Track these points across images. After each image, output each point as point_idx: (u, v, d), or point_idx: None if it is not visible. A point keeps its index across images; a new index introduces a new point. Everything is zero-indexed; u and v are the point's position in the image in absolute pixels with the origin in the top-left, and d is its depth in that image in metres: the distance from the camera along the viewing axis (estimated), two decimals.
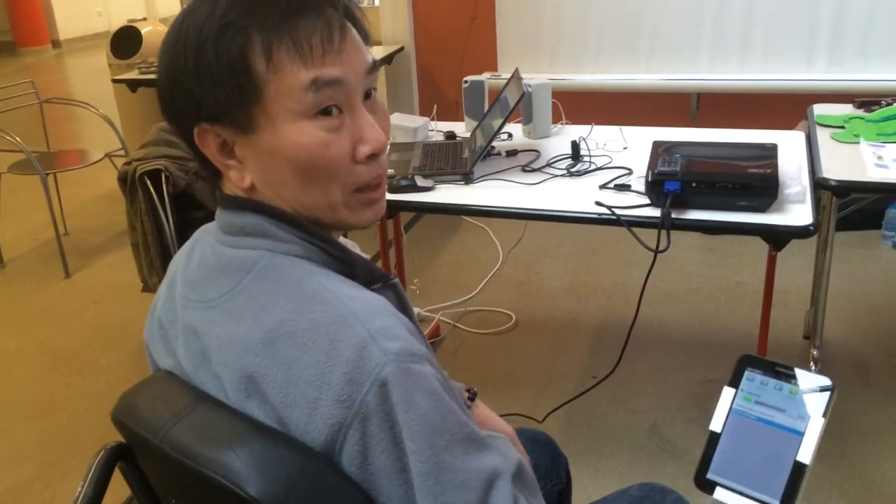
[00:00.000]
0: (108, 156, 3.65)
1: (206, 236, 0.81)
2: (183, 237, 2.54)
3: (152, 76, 3.66)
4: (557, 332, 2.73)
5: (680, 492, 1.17)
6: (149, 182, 2.47)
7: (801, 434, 0.93)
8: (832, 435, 2.10)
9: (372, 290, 0.77)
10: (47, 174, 3.39)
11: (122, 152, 3.63)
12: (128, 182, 2.51)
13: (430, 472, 0.66)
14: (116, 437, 0.82)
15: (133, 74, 3.70)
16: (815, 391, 0.95)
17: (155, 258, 2.59)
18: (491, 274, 3.18)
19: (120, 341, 2.87)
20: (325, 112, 0.72)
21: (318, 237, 0.77)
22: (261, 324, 0.70)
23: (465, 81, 2.32)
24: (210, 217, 0.82)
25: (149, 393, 0.76)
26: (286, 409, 0.67)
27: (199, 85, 0.71)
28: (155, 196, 2.48)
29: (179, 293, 0.80)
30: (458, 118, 2.46)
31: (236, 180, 0.76)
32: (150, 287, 2.68)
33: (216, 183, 0.81)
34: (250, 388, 0.69)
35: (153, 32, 4.17)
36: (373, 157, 0.76)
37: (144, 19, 4.32)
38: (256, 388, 0.69)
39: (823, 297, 2.30)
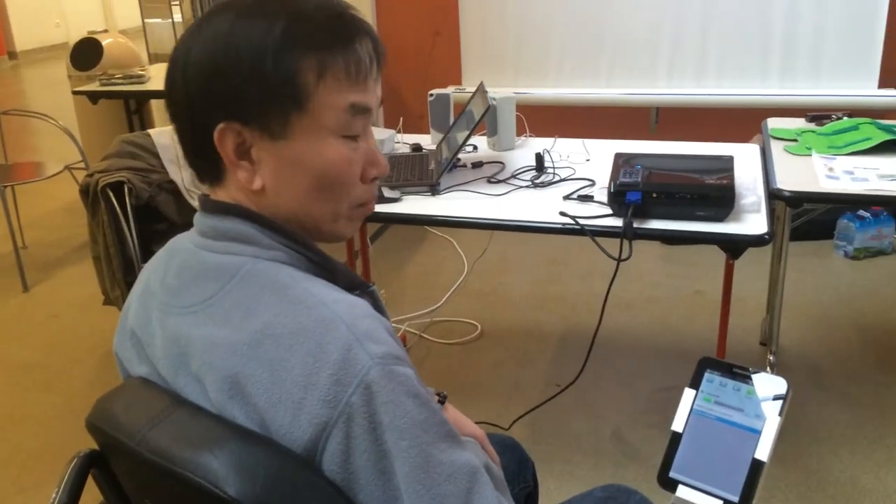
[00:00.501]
0: (68, 168, 3.60)
1: (182, 244, 0.83)
2: (146, 250, 2.52)
3: (114, 88, 3.63)
4: (522, 342, 2.76)
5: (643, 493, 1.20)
6: (111, 194, 2.45)
7: (759, 433, 0.97)
8: (788, 438, 2.17)
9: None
10: (4, 187, 3.34)
11: (83, 165, 3.58)
12: (90, 194, 2.49)
13: (421, 467, 0.68)
14: (81, 449, 0.83)
15: (94, 86, 3.67)
16: (771, 391, 0.99)
17: (117, 270, 2.56)
18: (456, 285, 3.20)
19: (81, 355, 2.83)
20: (352, 136, 0.80)
21: (301, 244, 0.80)
22: (247, 326, 0.72)
23: (431, 94, 2.35)
24: (173, 229, 0.83)
25: (124, 398, 0.77)
26: (270, 409, 0.69)
27: (248, 87, 0.75)
28: (118, 208, 2.46)
29: (159, 300, 0.81)
30: (424, 131, 2.49)
31: (245, 181, 0.79)
32: (111, 300, 2.65)
33: (212, 185, 0.82)
34: (233, 390, 0.71)
35: (114, 44, 4.14)
36: (376, 179, 0.84)
37: (105, 31, 4.27)
38: (240, 389, 0.70)
39: (779, 304, 2.37)
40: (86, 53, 4.05)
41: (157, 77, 3.77)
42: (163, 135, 2.67)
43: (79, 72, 4.03)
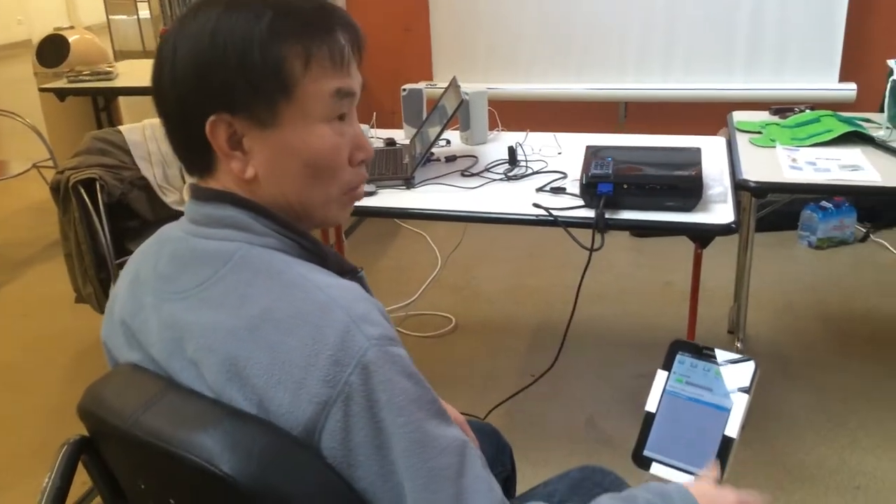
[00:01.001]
0: (36, 166, 3.55)
1: (172, 232, 0.85)
2: (119, 247, 2.51)
3: (82, 84, 3.59)
4: (497, 334, 2.80)
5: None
6: (83, 191, 2.43)
7: (728, 410, 1.01)
8: (756, 422, 2.23)
9: None
10: None
11: (51, 163, 3.54)
12: (60, 191, 2.47)
13: (417, 442, 0.72)
14: (56, 448, 0.84)
15: (61, 83, 3.62)
16: (739, 371, 1.04)
17: (89, 268, 2.54)
18: (430, 279, 3.23)
19: (54, 354, 2.80)
20: (339, 118, 0.82)
21: (293, 230, 0.82)
22: (245, 311, 0.74)
23: (404, 90, 2.37)
24: (146, 226, 0.85)
25: (116, 383, 0.79)
26: (270, 390, 0.71)
27: (236, 79, 0.77)
28: (89, 205, 2.44)
29: (152, 288, 0.82)
30: (397, 126, 2.51)
31: (238, 171, 0.80)
32: (83, 297, 2.63)
33: (202, 176, 0.84)
34: (232, 372, 0.73)
35: (81, 41, 4.08)
36: (363, 162, 0.86)
37: (71, 27, 4.22)
38: (239, 371, 0.72)
39: (745, 294, 2.44)
40: (52, 50, 4.00)
41: (124, 74, 3.74)
42: (134, 131, 2.66)
43: (45, 69, 3.97)
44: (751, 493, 0.92)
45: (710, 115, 3.20)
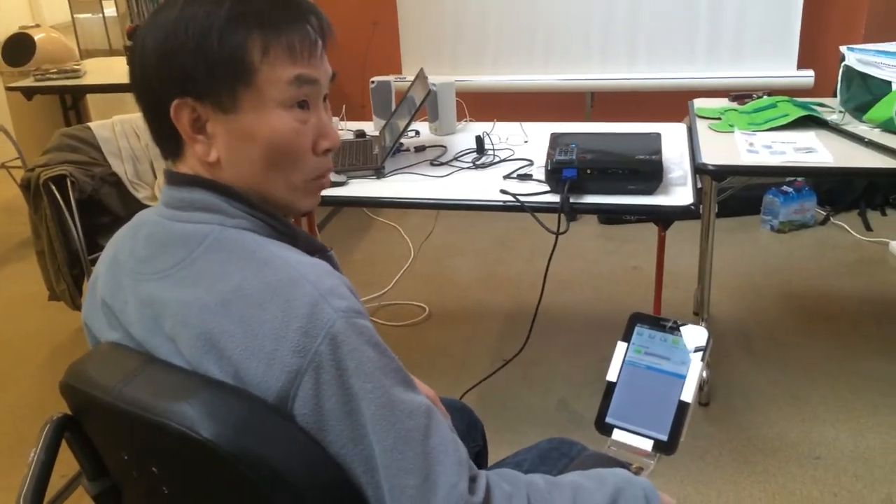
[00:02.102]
0: (4, 166, 3.53)
1: (148, 217, 0.88)
2: (92, 243, 2.52)
3: (49, 83, 3.57)
4: (469, 321, 2.85)
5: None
6: (54, 188, 2.43)
7: (684, 377, 1.07)
8: (720, 399, 2.31)
9: None
10: None
11: (19, 162, 3.52)
12: (31, 189, 2.47)
13: (385, 405, 0.76)
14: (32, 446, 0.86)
15: (28, 82, 3.60)
16: (694, 341, 1.10)
17: (62, 264, 2.55)
18: (403, 269, 3.27)
19: (28, 353, 2.80)
20: (300, 105, 0.84)
21: (263, 212, 0.86)
22: (218, 287, 0.78)
23: (373, 82, 2.41)
24: (118, 221, 0.89)
25: (98, 360, 0.82)
26: (244, 361, 0.75)
27: (195, 63, 0.80)
28: (61, 202, 2.45)
29: (130, 269, 0.86)
30: (367, 118, 2.54)
31: (202, 154, 0.84)
32: (57, 295, 2.63)
33: (174, 160, 0.87)
34: (208, 345, 0.76)
35: (47, 39, 4.05)
36: (328, 151, 0.88)
37: (37, 26, 4.18)
38: (214, 344, 0.76)
39: (708, 276, 2.51)
40: (18, 49, 3.96)
41: (91, 71, 3.72)
42: (103, 128, 2.66)
43: (11, 68, 3.94)
44: None
45: (674, 103, 3.27)
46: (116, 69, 3.70)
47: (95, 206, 2.57)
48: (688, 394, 1.05)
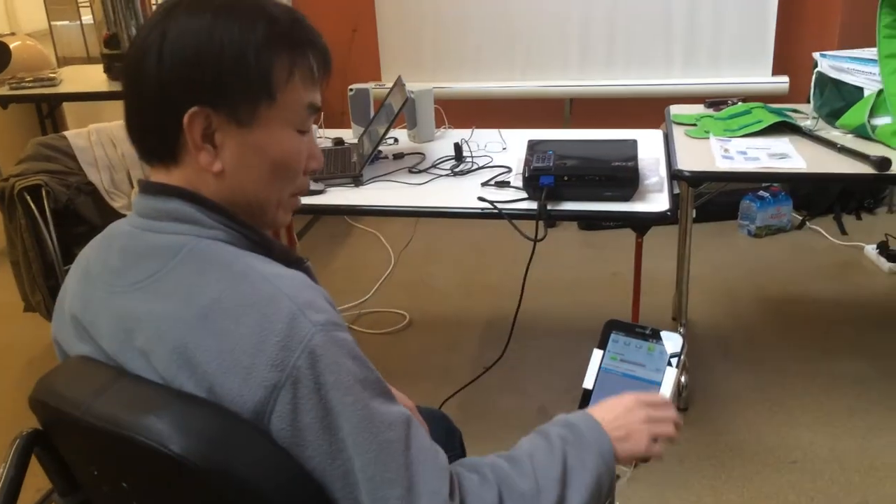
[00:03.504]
0: None
1: (120, 228, 0.87)
2: (67, 253, 2.49)
3: (25, 91, 3.54)
4: (450, 328, 2.85)
5: None
6: (28, 198, 2.41)
7: (659, 384, 1.08)
8: (698, 403, 2.32)
9: None
10: None
11: None
12: (5, 199, 2.44)
13: (366, 418, 0.76)
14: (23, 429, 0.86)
15: (4, 90, 3.56)
16: (669, 347, 1.10)
17: (37, 275, 2.52)
18: (384, 277, 3.27)
19: (4, 365, 2.77)
20: (304, 130, 0.89)
21: (240, 224, 0.85)
22: (195, 301, 0.77)
23: (351, 89, 2.41)
24: (94, 231, 0.88)
25: (67, 374, 0.81)
26: (220, 376, 0.75)
27: (226, 77, 0.81)
28: (35, 212, 2.42)
29: (103, 282, 0.85)
30: (345, 126, 2.54)
31: (205, 163, 0.83)
32: (32, 306, 2.60)
33: (166, 165, 0.85)
34: (182, 359, 0.76)
35: (22, 47, 4.01)
36: (315, 172, 0.93)
37: (13, 34, 4.14)
38: (189, 358, 0.76)
39: (686, 281, 2.53)
40: None
41: (68, 80, 3.69)
42: (79, 137, 2.64)
43: None
44: (651, 394, 1.01)
45: (651, 109, 3.30)
46: (93, 77, 3.67)
47: (71, 215, 2.54)
48: None
